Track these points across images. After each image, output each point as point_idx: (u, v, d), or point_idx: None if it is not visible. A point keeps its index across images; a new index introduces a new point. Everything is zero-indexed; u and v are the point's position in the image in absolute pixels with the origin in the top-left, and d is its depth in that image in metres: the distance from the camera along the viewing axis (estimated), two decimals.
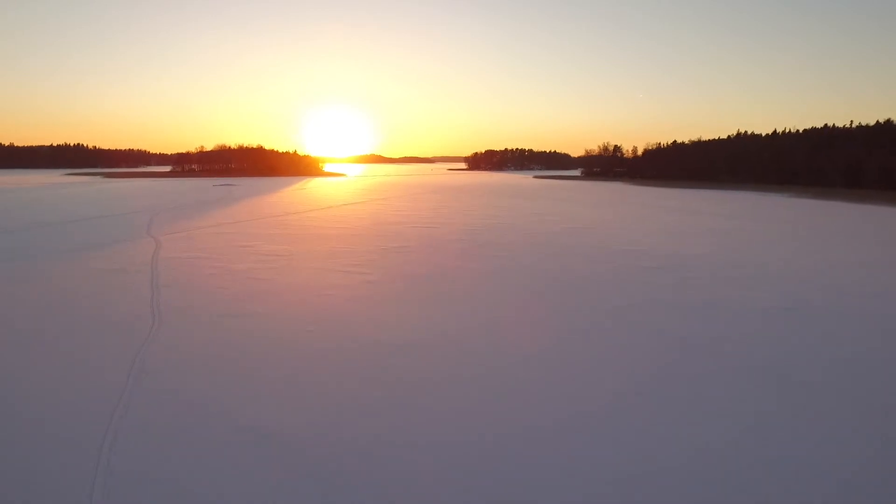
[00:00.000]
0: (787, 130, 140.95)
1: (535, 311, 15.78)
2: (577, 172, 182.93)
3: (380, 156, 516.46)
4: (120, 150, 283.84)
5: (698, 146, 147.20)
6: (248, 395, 9.96)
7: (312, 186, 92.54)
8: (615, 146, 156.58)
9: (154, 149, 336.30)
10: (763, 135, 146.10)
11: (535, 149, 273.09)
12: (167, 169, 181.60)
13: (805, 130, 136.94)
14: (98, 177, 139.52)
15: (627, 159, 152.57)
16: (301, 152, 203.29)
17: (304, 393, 10.09)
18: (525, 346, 12.72)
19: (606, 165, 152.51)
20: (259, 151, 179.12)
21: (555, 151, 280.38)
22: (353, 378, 10.79)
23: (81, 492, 6.86)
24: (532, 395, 10.05)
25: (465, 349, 12.48)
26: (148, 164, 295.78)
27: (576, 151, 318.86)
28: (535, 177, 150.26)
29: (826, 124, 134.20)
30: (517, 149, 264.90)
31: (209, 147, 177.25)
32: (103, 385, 10.23)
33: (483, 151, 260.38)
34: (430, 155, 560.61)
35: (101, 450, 7.85)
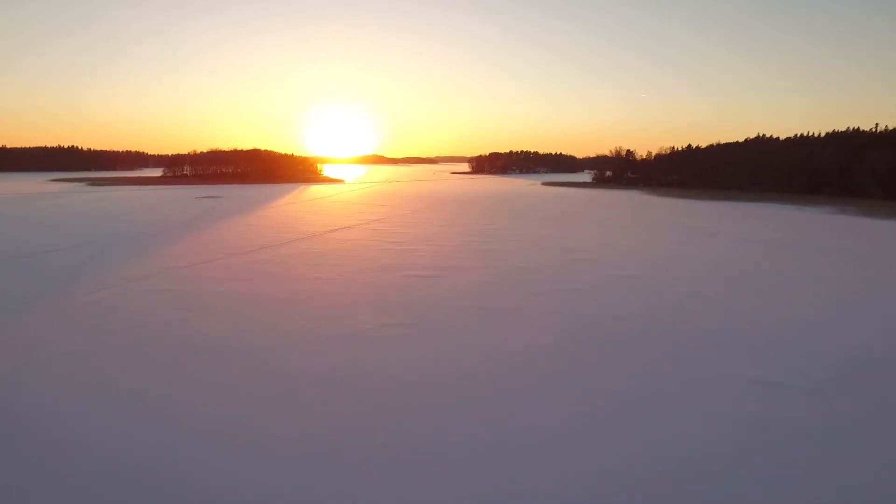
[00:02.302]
0: (810, 134, 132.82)
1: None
2: (585, 175, 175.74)
3: (381, 156, 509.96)
4: (117, 152, 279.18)
5: (715, 150, 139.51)
6: None
7: (304, 199, 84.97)
8: (627, 150, 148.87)
9: (153, 150, 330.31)
10: (781, 138, 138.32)
11: (540, 150, 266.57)
12: (161, 172, 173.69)
13: (828, 134, 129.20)
14: (83, 183, 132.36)
15: (640, 163, 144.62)
16: (300, 154, 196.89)
17: None
18: None
19: (618, 170, 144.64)
20: (254, 154, 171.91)
21: (560, 153, 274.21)
22: None
23: None
24: None
25: None
26: (146, 165, 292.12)
27: (580, 152, 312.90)
28: (544, 183, 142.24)
29: (849, 128, 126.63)
30: (522, 151, 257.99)
31: (203, 150, 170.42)
32: None
33: (487, 154, 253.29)
34: (432, 155, 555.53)
35: None
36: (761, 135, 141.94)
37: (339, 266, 30.04)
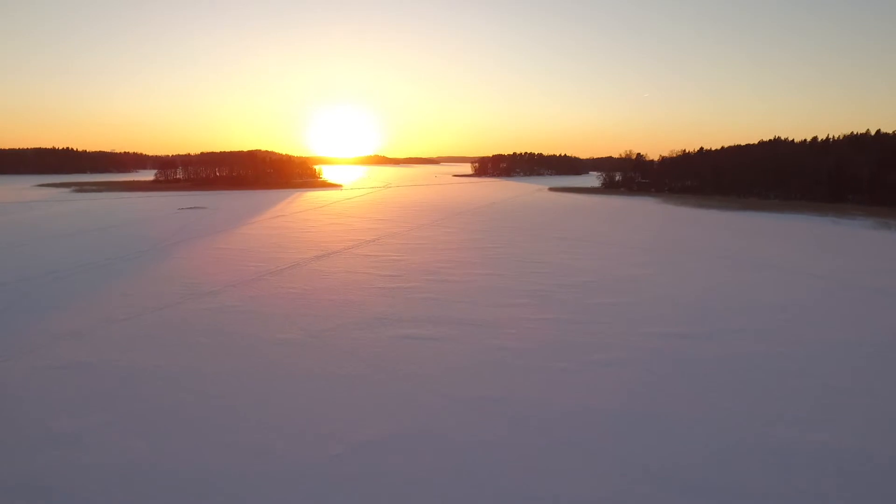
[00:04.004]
0: (830, 137, 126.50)
1: None
2: (592, 179, 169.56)
3: (383, 157, 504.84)
4: (114, 153, 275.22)
5: (728, 153, 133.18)
6: None
7: (294, 210, 78.76)
8: (637, 154, 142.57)
9: (151, 151, 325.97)
10: (795, 140, 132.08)
11: (543, 151, 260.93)
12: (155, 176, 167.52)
13: (846, 136, 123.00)
14: (69, 189, 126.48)
15: (650, 165, 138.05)
16: (301, 155, 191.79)
17: None
18: None
19: (629, 174, 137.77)
20: (250, 156, 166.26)
21: (565, 155, 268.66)
22: None
23: None
24: None
25: None
26: (143, 167, 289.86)
27: (584, 153, 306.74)
28: (551, 189, 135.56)
29: (868, 130, 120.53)
30: (526, 153, 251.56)
31: (196, 152, 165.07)
32: None
33: (491, 156, 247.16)
34: (434, 156, 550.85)
35: None
36: (777, 137, 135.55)
37: (311, 317, 23.79)
